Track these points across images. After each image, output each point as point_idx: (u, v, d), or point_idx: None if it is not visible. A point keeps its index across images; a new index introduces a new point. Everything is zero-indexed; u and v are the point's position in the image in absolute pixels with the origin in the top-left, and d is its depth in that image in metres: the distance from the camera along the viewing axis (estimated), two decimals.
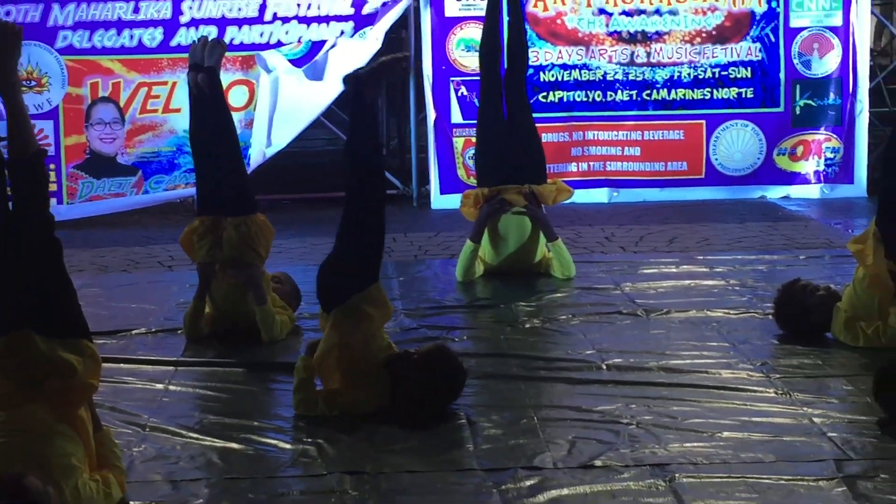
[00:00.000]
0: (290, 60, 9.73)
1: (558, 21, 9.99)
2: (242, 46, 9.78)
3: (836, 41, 10.07)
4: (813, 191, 10.20)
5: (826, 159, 10.19)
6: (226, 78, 9.77)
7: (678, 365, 5.51)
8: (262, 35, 9.79)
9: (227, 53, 9.69)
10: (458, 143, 9.99)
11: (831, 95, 10.12)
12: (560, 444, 4.53)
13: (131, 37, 9.66)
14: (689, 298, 6.72)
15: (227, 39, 9.65)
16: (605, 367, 5.51)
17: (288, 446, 4.58)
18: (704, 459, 4.35)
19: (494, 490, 4.11)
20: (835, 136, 10.16)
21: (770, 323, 6.10)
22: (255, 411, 4.97)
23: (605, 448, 4.47)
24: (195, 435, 4.71)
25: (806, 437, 4.57)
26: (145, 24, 9.66)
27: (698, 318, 6.32)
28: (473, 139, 9.87)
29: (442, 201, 9.91)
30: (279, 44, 9.78)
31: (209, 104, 6.24)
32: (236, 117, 9.78)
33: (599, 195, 10.08)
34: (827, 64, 10.08)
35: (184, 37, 9.63)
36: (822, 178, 10.21)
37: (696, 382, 5.26)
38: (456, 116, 9.98)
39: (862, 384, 4.86)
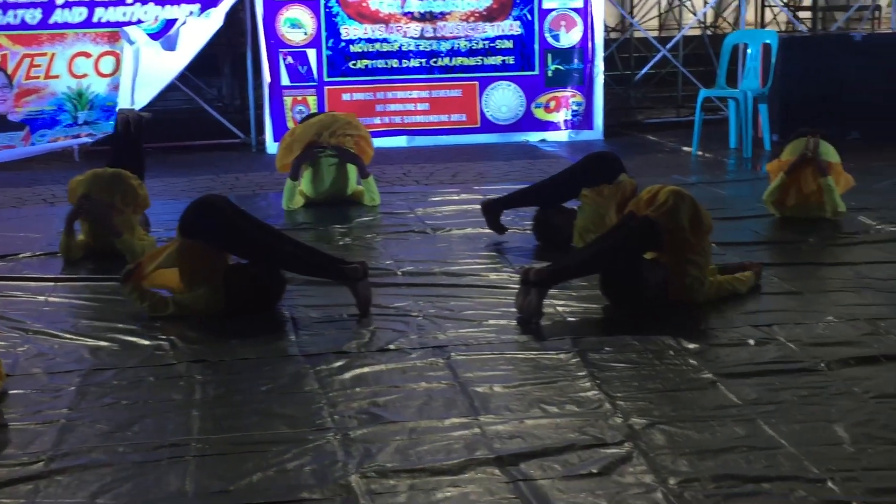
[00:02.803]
0: (149, 34, 9.39)
1: (364, 4, 9.84)
2: (109, 24, 9.39)
3: (578, 19, 10.16)
4: (563, 135, 10.33)
5: (572, 111, 10.32)
6: (95, 49, 9.43)
7: (457, 270, 5.54)
8: (124, 14, 9.42)
9: (97, 29, 9.40)
10: (288, 101, 9.80)
11: (575, 61, 10.23)
12: (363, 333, 4.52)
13: (15, 16, 9.19)
14: (466, 219, 6.75)
15: (95, 18, 9.31)
16: (400, 273, 5.51)
17: (146, 342, 4.46)
18: (474, 341, 4.39)
19: (311, 371, 4.08)
20: (579, 93, 10.29)
21: (528, 236, 6.19)
22: (120, 317, 4.82)
23: (398, 335, 4.48)
24: (70, 336, 4.55)
25: (551, 321, 4.65)
26: (26, 5, 9.19)
27: (473, 234, 6.36)
28: (299, 98, 9.84)
29: (275, 147, 9.68)
30: (139, 21, 9.43)
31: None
32: (104, 82, 9.48)
33: (399, 141, 10.03)
34: (572, 37, 10.17)
35: (59, 16, 9.20)
36: (569, 126, 10.34)
37: (470, 283, 5.30)
38: (285, 80, 9.78)
39: (594, 280, 4.95)
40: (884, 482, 3.08)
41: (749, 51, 9.75)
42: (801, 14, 13.91)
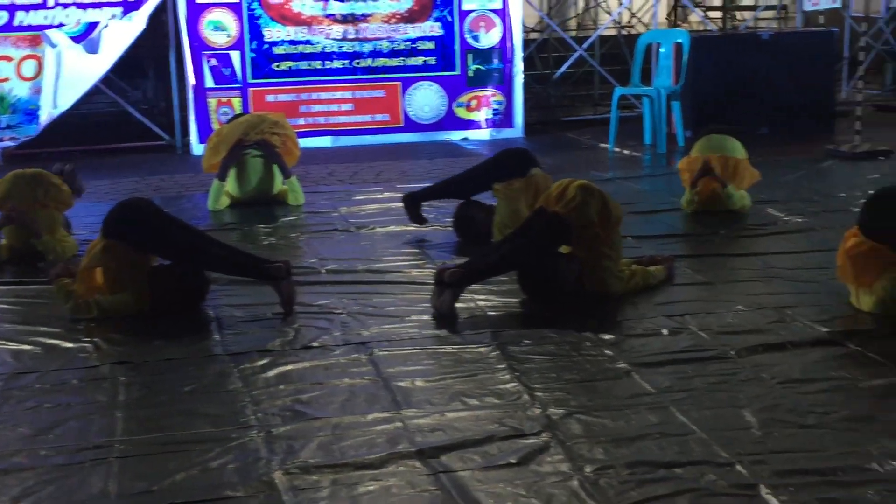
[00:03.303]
0: (71, 37, 9.22)
1: (286, 6, 9.77)
2: (30, 27, 9.21)
3: (497, 20, 10.20)
4: (484, 133, 10.36)
5: (493, 110, 10.36)
6: (17, 53, 9.23)
7: (380, 267, 5.53)
8: (46, 18, 9.23)
9: (18, 33, 9.19)
10: (212, 103, 9.69)
11: (495, 61, 10.27)
12: (287, 331, 4.49)
13: None
14: (390, 217, 6.74)
15: (16, 22, 9.11)
16: (324, 271, 5.48)
17: (69, 345, 4.38)
18: (396, 337, 4.38)
19: (235, 370, 4.04)
20: (499, 92, 10.33)
21: (449, 233, 6.21)
22: (43, 320, 4.73)
23: (321, 333, 4.45)
24: None
25: (471, 316, 4.67)
26: None
27: (397, 232, 6.36)
28: (224, 99, 9.73)
29: (200, 149, 9.59)
30: (60, 24, 9.24)
31: None
32: (26, 86, 9.29)
33: (323, 141, 9.97)
34: (491, 37, 10.21)
35: None
36: (490, 124, 10.38)
37: (393, 280, 5.29)
38: (209, 82, 9.67)
39: (513, 274, 4.98)
40: (789, 464, 3.14)
41: (662, 50, 9.87)
42: (712, 14, 14.11)
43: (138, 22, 9.38)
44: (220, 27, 9.60)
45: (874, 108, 11.78)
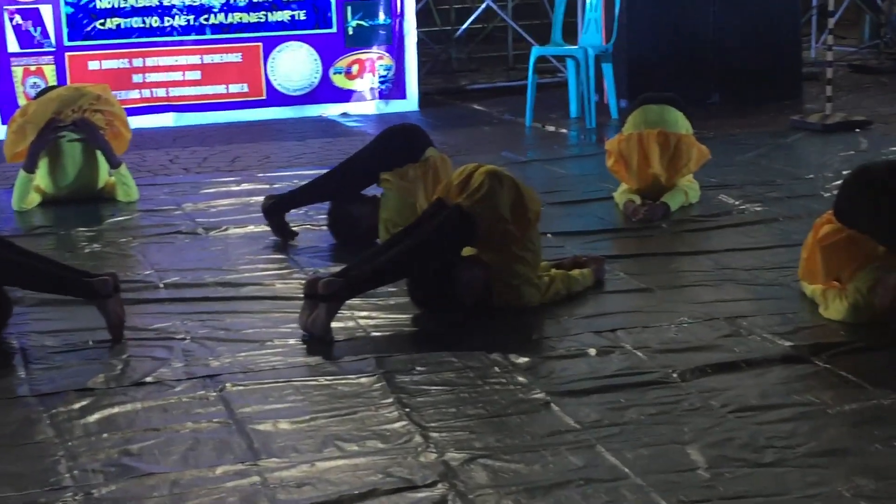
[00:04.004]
0: None
1: None
2: None
3: None
4: (369, 107, 10.38)
5: (380, 76, 10.38)
6: None
7: (235, 279, 5.50)
8: None
9: None
10: (17, 72, 9.54)
11: (381, 15, 10.29)
12: (114, 364, 4.42)
13: None
14: (248, 215, 6.71)
15: None
16: (162, 285, 5.43)
17: None
18: (255, 367, 4.35)
19: (45, 415, 3.96)
20: (387, 54, 10.36)
21: (323, 234, 6.20)
22: None
23: (158, 364, 4.40)
24: None
25: (350, 338, 4.66)
26: None
27: (256, 234, 6.33)
28: (32, 68, 9.58)
29: (1, 132, 9.41)
30: None
31: None
32: None
33: (164, 119, 9.90)
34: None
35: None
36: (377, 95, 10.40)
37: (251, 295, 5.26)
38: (13, 46, 9.51)
39: (403, 284, 4.98)
40: None
41: (589, 0, 9.98)
42: None
43: None
44: None
45: (849, 69, 12.10)
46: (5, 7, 9.46)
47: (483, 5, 11.70)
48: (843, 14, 12.92)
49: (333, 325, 4.68)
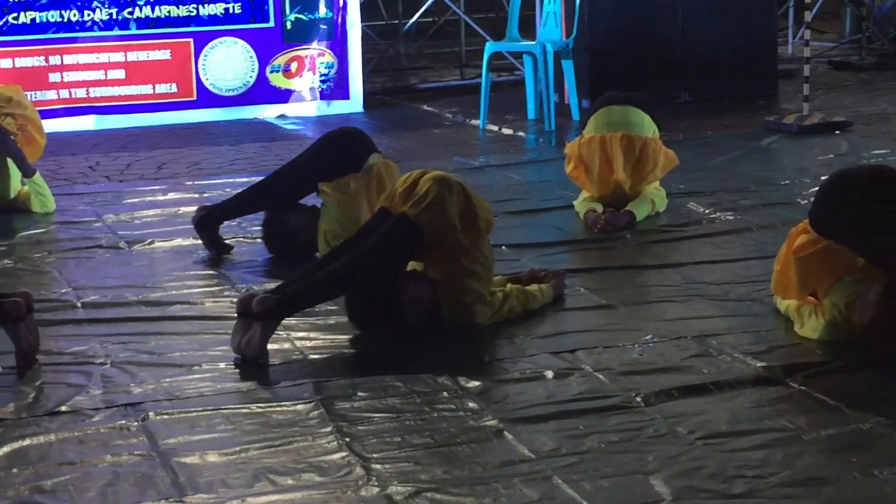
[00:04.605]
0: None
1: None
2: None
3: None
4: (309, 108, 10.39)
5: (321, 75, 10.39)
6: None
7: (160, 297, 5.48)
8: None
9: None
10: None
11: (322, 9, 10.29)
12: (26, 392, 4.38)
13: None
14: (175, 227, 6.70)
15: None
16: (80, 305, 5.40)
17: None
18: (181, 394, 4.33)
19: None
20: (329, 50, 10.36)
21: (258, 247, 6.20)
22: None
23: (74, 391, 4.37)
24: None
25: (286, 361, 4.65)
26: None
27: (185, 248, 6.32)
28: None
29: None
30: None
31: None
32: None
33: (84, 122, 9.88)
34: None
35: None
36: (318, 95, 10.41)
37: (178, 315, 5.25)
38: None
39: (341, 302, 4.98)
40: None
41: None
42: None
43: None
44: None
45: (829, 66, 12.21)
46: None
47: None
48: (823, 7, 13.08)
49: (268, 346, 4.67)
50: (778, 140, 8.71)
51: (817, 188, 5.00)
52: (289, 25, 10.24)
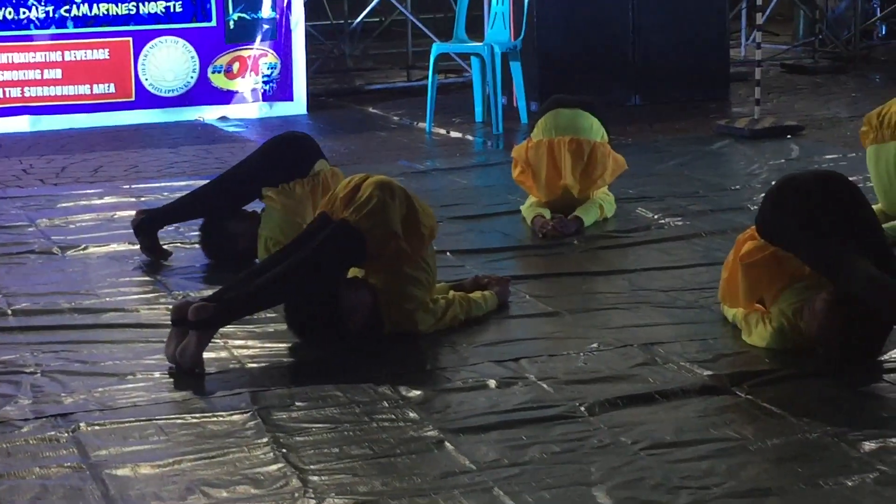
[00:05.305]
0: None
1: None
2: None
3: None
4: (252, 110, 10.36)
5: (264, 76, 10.37)
6: None
7: (94, 305, 5.45)
8: None
9: None
10: None
11: (265, 8, 10.26)
12: None
13: None
14: (111, 232, 6.67)
15: None
16: (10, 312, 5.36)
17: None
18: (113, 404, 4.31)
19: None
20: (272, 51, 10.34)
21: (196, 253, 6.19)
22: None
23: (3, 402, 4.34)
24: None
25: (222, 370, 4.64)
26: None
27: (120, 253, 6.29)
28: None
29: None
30: None
31: None
32: None
33: (18, 123, 9.81)
34: None
35: None
36: (260, 96, 10.38)
37: (112, 322, 5.23)
38: None
39: (280, 310, 4.97)
40: None
41: None
42: None
43: None
44: None
45: (781, 69, 12.30)
46: None
47: None
48: (776, 9, 13.16)
49: (205, 355, 4.65)
50: (729, 144, 8.76)
51: (767, 192, 5.02)
52: (231, 25, 10.21)
